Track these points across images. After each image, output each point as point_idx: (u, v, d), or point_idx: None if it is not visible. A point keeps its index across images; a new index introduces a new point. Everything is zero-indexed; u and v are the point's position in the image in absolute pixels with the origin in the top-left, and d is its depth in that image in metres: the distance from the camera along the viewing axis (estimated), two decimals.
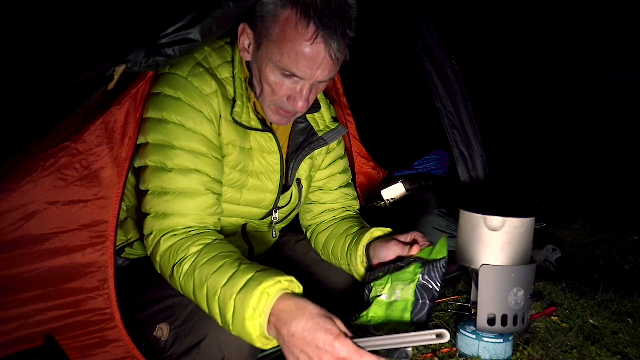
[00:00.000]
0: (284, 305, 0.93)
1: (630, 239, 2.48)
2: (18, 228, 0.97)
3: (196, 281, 1.05)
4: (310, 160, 1.46)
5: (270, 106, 1.24)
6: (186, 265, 1.07)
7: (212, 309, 1.02)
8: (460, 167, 2.15)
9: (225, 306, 0.98)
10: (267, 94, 1.21)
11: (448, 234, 2.13)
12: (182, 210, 1.13)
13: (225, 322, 1.00)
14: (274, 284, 0.96)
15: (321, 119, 1.45)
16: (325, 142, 1.41)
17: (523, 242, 1.35)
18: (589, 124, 6.05)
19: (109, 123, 1.06)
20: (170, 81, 1.16)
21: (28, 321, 1.01)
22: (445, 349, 1.43)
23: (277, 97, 1.20)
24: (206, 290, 1.02)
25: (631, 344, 1.44)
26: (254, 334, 0.95)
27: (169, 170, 1.13)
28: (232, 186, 1.29)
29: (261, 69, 1.18)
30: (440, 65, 2.11)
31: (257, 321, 0.94)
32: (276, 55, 1.13)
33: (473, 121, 2.15)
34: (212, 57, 1.24)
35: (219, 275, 1.02)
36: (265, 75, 1.17)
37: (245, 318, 0.95)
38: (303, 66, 1.12)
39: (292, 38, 1.10)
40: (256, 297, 0.94)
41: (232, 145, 1.25)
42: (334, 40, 1.10)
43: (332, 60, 1.13)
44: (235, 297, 0.97)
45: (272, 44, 1.13)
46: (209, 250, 1.08)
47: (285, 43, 1.11)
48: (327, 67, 1.14)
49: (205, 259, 1.06)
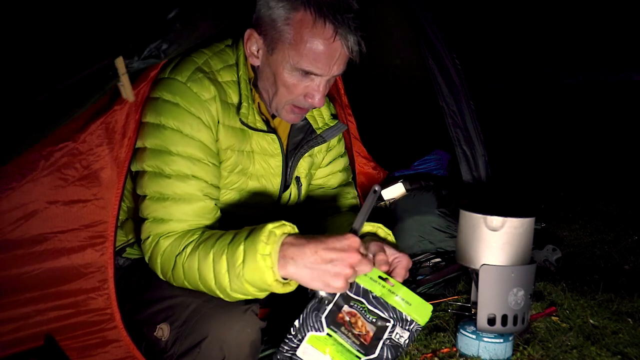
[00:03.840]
0: (290, 240, 0.98)
1: (630, 239, 2.48)
2: (17, 227, 0.97)
3: (200, 255, 1.06)
4: (310, 158, 1.46)
5: (285, 106, 1.24)
6: (189, 249, 1.09)
7: (218, 272, 1.03)
8: (463, 167, 2.15)
9: (234, 255, 1.00)
10: (282, 94, 1.22)
11: (448, 234, 2.13)
12: (180, 215, 1.14)
13: (234, 274, 1.01)
14: (279, 225, 1.00)
15: (320, 116, 1.45)
16: (324, 140, 1.41)
17: (523, 242, 1.35)
18: (589, 124, 6.05)
19: (110, 123, 1.06)
20: (169, 86, 1.16)
21: (28, 321, 1.01)
22: (445, 349, 1.43)
23: (294, 97, 1.22)
24: (212, 257, 1.04)
25: (631, 344, 1.44)
26: (265, 268, 0.97)
27: (167, 176, 1.14)
28: (230, 189, 1.29)
29: (277, 72, 1.19)
30: (443, 64, 2.11)
31: (268, 257, 0.97)
32: (294, 57, 1.15)
33: (475, 121, 2.15)
34: (212, 60, 1.24)
35: (224, 239, 1.05)
36: (281, 78, 1.19)
37: (257, 251, 0.97)
38: (322, 64, 1.15)
39: (309, 38, 1.12)
40: (265, 234, 0.98)
41: (230, 150, 1.26)
42: (350, 35, 1.14)
43: (348, 54, 1.17)
44: (244, 242, 1.00)
45: (288, 47, 1.15)
46: (209, 231, 1.12)
47: (303, 44, 1.13)
48: (342, 61, 1.18)
49: (207, 236, 1.09)
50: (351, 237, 0.97)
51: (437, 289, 1.89)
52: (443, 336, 1.50)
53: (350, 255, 0.95)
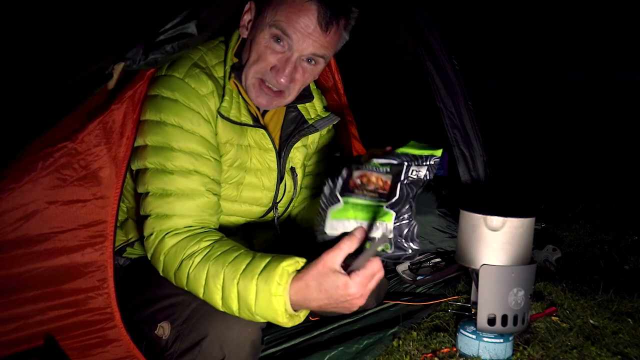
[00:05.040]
0: (295, 285, 0.99)
1: (630, 239, 2.48)
2: (17, 227, 0.97)
3: (210, 271, 1.06)
4: (304, 148, 1.47)
5: (253, 79, 1.24)
6: (198, 258, 1.08)
7: (228, 296, 1.04)
8: (461, 167, 2.15)
9: (247, 288, 1.01)
10: (252, 61, 1.23)
11: (448, 234, 2.13)
12: (183, 210, 1.14)
13: (246, 306, 1.02)
14: (293, 263, 1.01)
15: (312, 108, 1.47)
16: (316, 129, 1.42)
17: (523, 242, 1.35)
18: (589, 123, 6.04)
19: (107, 123, 1.06)
20: (167, 83, 1.16)
21: (28, 321, 1.01)
22: (445, 349, 1.43)
23: (262, 66, 1.22)
24: (222, 279, 1.04)
25: (631, 344, 1.44)
26: (279, 309, 0.99)
27: (170, 172, 1.14)
28: (229, 183, 1.30)
29: (254, 37, 1.21)
30: (441, 65, 2.11)
31: (281, 297, 0.99)
32: (271, 14, 1.18)
33: (473, 121, 2.15)
34: (207, 56, 1.25)
35: (237, 264, 1.05)
36: (256, 41, 1.21)
37: (271, 293, 0.99)
38: (293, 27, 1.16)
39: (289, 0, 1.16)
40: (278, 273, 0.99)
41: (229, 144, 1.27)
42: (330, 10, 1.15)
43: (322, 31, 1.17)
44: (257, 277, 1.01)
45: (268, 7, 1.19)
46: (220, 245, 1.11)
47: (282, 3, 1.17)
48: (317, 39, 1.18)
49: (219, 252, 1.09)
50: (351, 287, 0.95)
51: (437, 289, 1.89)
52: (443, 336, 1.50)
53: (352, 303, 0.98)
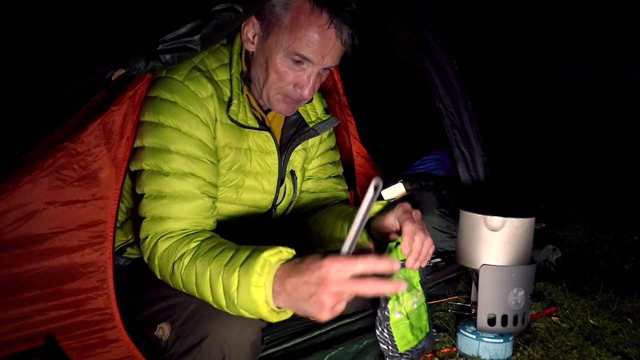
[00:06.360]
0: (280, 273, 0.94)
1: (630, 239, 2.48)
2: (17, 227, 0.97)
3: (198, 269, 1.05)
4: (304, 151, 1.46)
5: (276, 95, 1.25)
6: (187, 259, 1.08)
7: (215, 292, 1.03)
8: (461, 167, 2.15)
9: (229, 280, 0.99)
10: (272, 81, 1.22)
11: (448, 234, 2.13)
12: (178, 213, 1.14)
13: (230, 299, 1.00)
14: (276, 252, 0.97)
15: (312, 110, 1.46)
16: (316, 133, 1.42)
17: (523, 242, 1.35)
18: (589, 123, 6.05)
19: (107, 124, 1.06)
20: (167, 85, 1.16)
21: (27, 321, 1.00)
22: (445, 349, 1.43)
23: (284, 84, 1.22)
24: (209, 275, 1.03)
25: (631, 344, 1.44)
26: (259, 300, 0.95)
27: (165, 173, 1.14)
28: (228, 186, 1.29)
29: (269, 57, 1.20)
30: (440, 65, 2.11)
31: (262, 288, 0.95)
32: (288, 40, 1.16)
33: (473, 121, 2.15)
34: (208, 59, 1.25)
35: (221, 258, 1.03)
36: (273, 63, 1.20)
37: (251, 284, 0.95)
38: (314, 51, 1.17)
39: (305, 24, 1.15)
40: (259, 263, 0.96)
41: (228, 147, 1.26)
42: (345, 27, 1.17)
43: (341, 47, 1.20)
44: (238, 269, 0.98)
45: (283, 31, 1.17)
46: (208, 242, 1.10)
47: (299, 29, 1.15)
48: (335, 53, 1.20)
49: (206, 249, 1.08)
50: (326, 265, 0.87)
51: (437, 289, 1.89)
52: (443, 336, 1.50)
53: (325, 289, 0.86)
